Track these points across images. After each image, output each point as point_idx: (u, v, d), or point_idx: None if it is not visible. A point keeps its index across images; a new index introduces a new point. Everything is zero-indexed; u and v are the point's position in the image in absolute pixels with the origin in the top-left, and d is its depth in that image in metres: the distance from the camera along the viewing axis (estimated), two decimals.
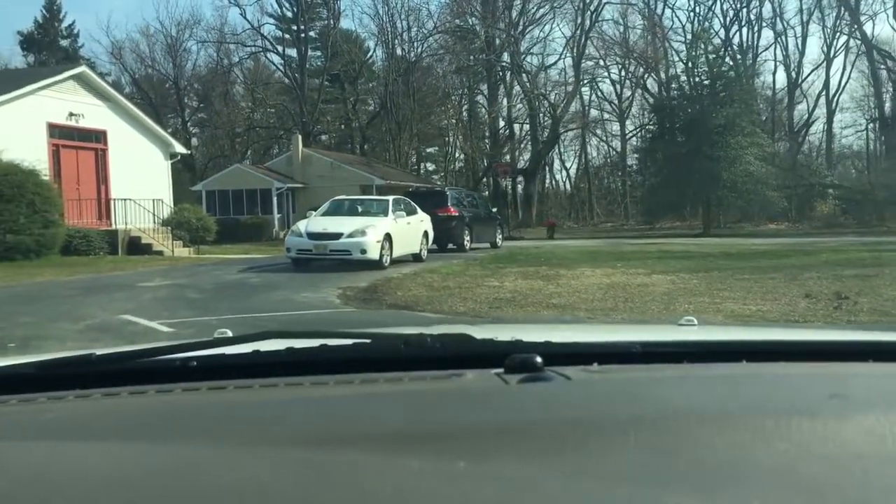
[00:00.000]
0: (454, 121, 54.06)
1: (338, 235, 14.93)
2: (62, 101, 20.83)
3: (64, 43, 46.74)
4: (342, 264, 14.84)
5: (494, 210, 25.79)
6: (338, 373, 1.14)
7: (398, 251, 16.01)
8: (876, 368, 1.25)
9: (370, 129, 51.32)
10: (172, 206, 24.04)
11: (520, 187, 48.92)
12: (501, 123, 49.00)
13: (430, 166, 59.58)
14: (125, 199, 21.40)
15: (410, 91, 47.30)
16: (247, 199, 36.86)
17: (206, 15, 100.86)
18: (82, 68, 21.63)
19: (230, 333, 1.42)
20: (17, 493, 0.68)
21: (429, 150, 58.24)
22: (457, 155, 57.07)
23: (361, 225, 15.20)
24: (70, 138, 21.27)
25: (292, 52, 51.91)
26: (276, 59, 52.41)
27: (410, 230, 16.82)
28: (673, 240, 27.44)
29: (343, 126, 54.50)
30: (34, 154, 18.59)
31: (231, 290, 12.13)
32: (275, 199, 36.78)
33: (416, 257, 17.18)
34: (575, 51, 43.43)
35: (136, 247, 20.64)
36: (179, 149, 25.50)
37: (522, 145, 51.17)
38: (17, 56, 44.37)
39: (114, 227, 21.27)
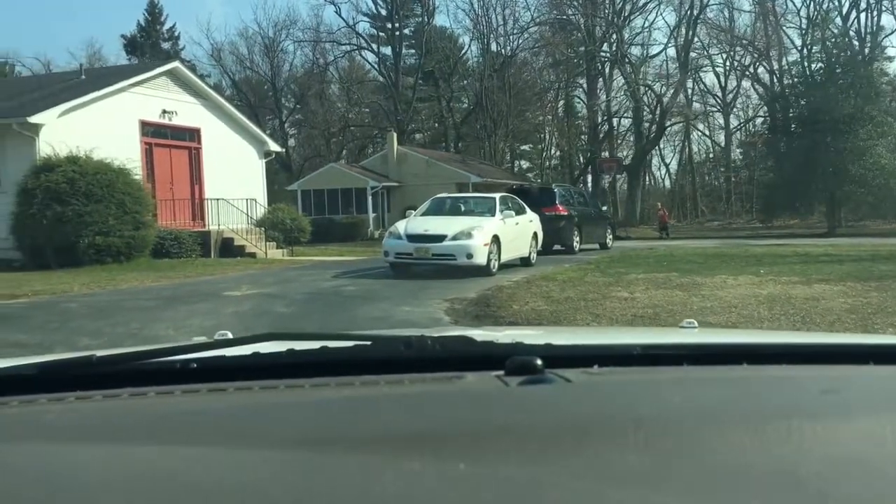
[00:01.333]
0: (549, 116, 52.01)
1: (441, 238, 13.24)
2: (155, 98, 19.89)
3: (165, 46, 46.88)
4: (445, 270, 13.14)
5: (605, 208, 23.66)
6: (338, 374, 1.12)
7: (506, 255, 14.20)
8: (876, 371, 1.23)
9: (464, 126, 49.82)
10: (266, 206, 22.91)
11: (618, 184, 46.43)
12: (599, 118, 46.52)
13: (524, 164, 57.71)
14: (218, 199, 20.30)
15: (506, 86, 45.58)
16: (342, 198, 35.80)
17: (303, 15, 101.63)
18: (175, 64, 20.65)
19: (230, 335, 1.39)
20: (17, 493, 0.67)
21: (522, 147, 56.34)
22: (552, 152, 55.05)
23: (467, 226, 13.46)
24: (163, 136, 20.32)
25: (386, 51, 50.88)
26: (371, 57, 51.47)
27: (519, 231, 14.99)
28: (799, 240, 24.72)
29: (436, 124, 53.23)
30: (126, 153, 17.63)
31: (323, 301, 10.58)
32: (370, 199, 35.58)
33: (525, 261, 15.34)
34: (681, 38, 40.60)
35: (229, 248, 19.50)
36: (274, 147, 24.36)
37: (622, 140, 48.67)
38: (122, 60, 44.74)
39: (207, 228, 20.21)
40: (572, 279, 12.57)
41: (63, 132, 16.82)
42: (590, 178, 46.67)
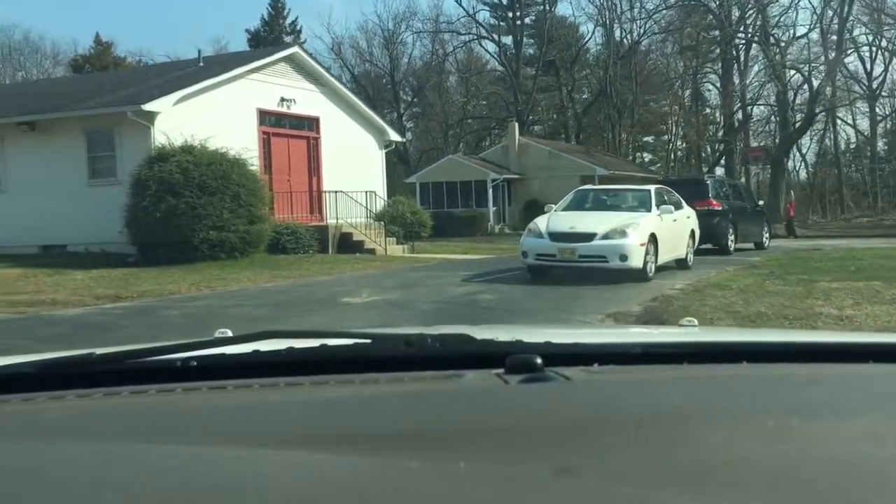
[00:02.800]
0: (676, 106, 48.68)
1: (590, 236, 11.16)
2: (274, 85, 18.62)
3: (288, 40, 46.41)
4: (592, 274, 11.06)
5: (761, 202, 20.87)
6: (338, 373, 1.10)
7: (663, 257, 11.98)
8: (876, 369, 1.22)
9: (586, 116, 47.25)
10: (386, 199, 21.38)
11: (751, 176, 42.73)
12: (734, 106, 42.90)
13: (646, 156, 54.52)
14: (337, 192, 18.84)
15: (632, 74, 42.80)
16: (461, 191, 34.08)
17: (422, 6, 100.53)
18: (294, 49, 19.33)
19: (230, 333, 1.38)
20: (17, 492, 0.66)
21: (644, 138, 53.15)
22: (677, 143, 51.64)
23: (620, 223, 11.32)
24: (281, 126, 19.05)
25: (506, 40, 48.83)
26: (491, 47, 49.57)
27: (676, 229, 12.71)
28: None
29: (555, 115, 50.83)
30: (243, 142, 16.38)
31: (458, 314, 8.73)
32: (490, 191, 33.70)
33: (681, 263, 13.04)
34: (827, 18, 36.66)
35: (347, 244, 18.02)
36: (394, 137, 22.80)
37: (761, 129, 44.88)
38: None
39: (325, 222, 18.80)
40: (750, 287, 10.27)
41: (178, 121, 15.70)
42: (720, 170, 43.17)
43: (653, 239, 11.47)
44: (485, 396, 1.00)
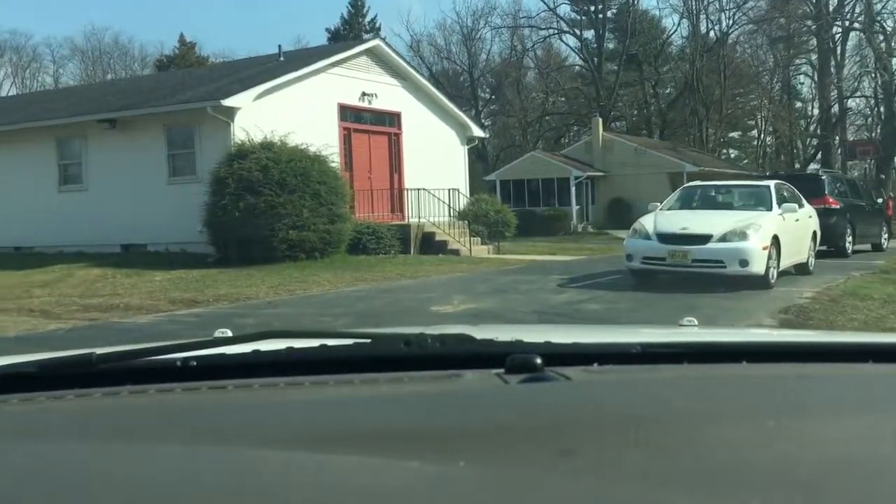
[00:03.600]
0: (765, 100, 46.22)
1: (704, 238, 9.89)
2: (354, 79, 17.85)
3: (367, 38, 46.09)
4: (704, 280, 9.80)
5: (880, 200, 19.03)
6: (338, 372, 1.10)
7: (785, 261, 10.60)
8: (875, 369, 1.20)
9: (670, 112, 45.30)
10: (468, 197, 20.40)
11: (847, 172, 40.10)
12: (831, 98, 40.33)
13: (733, 152, 52.10)
14: (419, 190, 17.94)
15: (720, 67, 40.71)
16: (542, 189, 32.84)
17: (501, 2, 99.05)
18: (376, 42, 18.51)
19: (230, 333, 1.39)
20: (17, 492, 0.66)
21: (730, 134, 50.73)
22: (765, 138, 49.08)
23: (739, 223, 10.02)
24: (362, 121, 18.27)
25: (587, 35, 47.21)
26: (572, 42, 48.08)
27: (799, 230, 11.30)
28: None
29: (636, 111, 48.97)
30: (323, 138, 15.64)
31: (563, 324, 7.65)
32: (573, 189, 32.35)
33: (802, 269, 11.60)
34: None
35: (430, 244, 17.10)
36: (477, 132, 21.77)
37: (863, 123, 42.16)
38: None
39: (406, 221, 17.94)
40: (894, 297, 8.87)
41: (258, 116, 15.06)
42: (815, 166, 40.66)
43: (775, 241, 10.12)
44: (485, 396, 0.99)
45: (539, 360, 1.04)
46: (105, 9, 78.82)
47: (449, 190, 18.81)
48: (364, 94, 18.06)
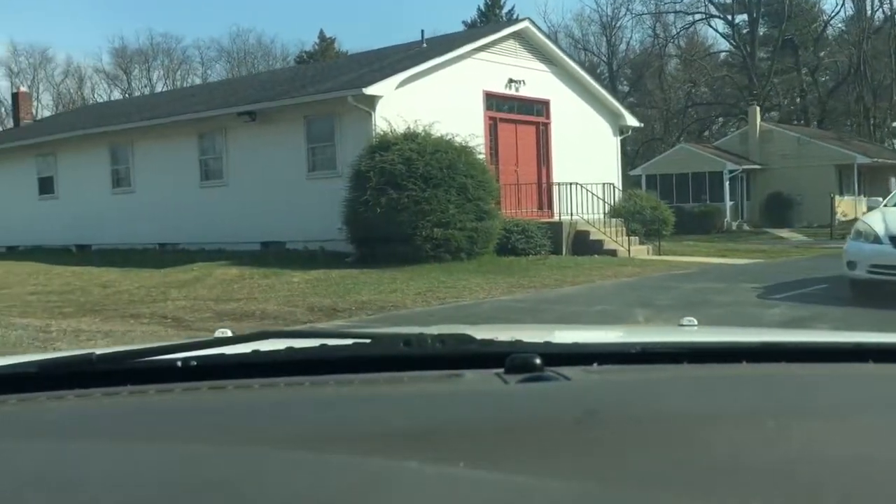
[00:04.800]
0: None
1: None
2: (500, 65, 16.37)
3: (514, 19, 44.60)
4: None
5: None
6: (337, 373, 1.08)
7: None
8: (876, 369, 1.19)
9: (830, 99, 41.30)
10: (621, 191, 18.51)
11: None
12: None
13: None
14: (569, 184, 16.23)
15: (890, 51, 36.57)
16: (692, 183, 30.27)
17: None
18: (525, 24, 16.92)
19: (230, 333, 1.38)
20: (17, 492, 0.66)
21: (894, 123, 45.78)
22: None
23: None
24: (508, 110, 16.75)
25: (738, 19, 43.73)
26: (721, 27, 44.72)
27: None
28: None
29: (786, 100, 44.98)
30: (468, 128, 14.25)
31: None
32: (726, 184, 29.61)
33: None
34: None
35: (583, 244, 15.38)
36: (631, 121, 19.76)
37: None
38: None
39: (556, 218, 16.28)
40: None
41: (400, 106, 13.84)
42: None
43: None
44: (484, 396, 0.97)
45: (539, 360, 1.03)
46: (249, 10, 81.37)
47: (603, 185, 17.01)
48: (511, 80, 16.54)
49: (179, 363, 1.08)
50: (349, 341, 1.15)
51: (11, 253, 19.64)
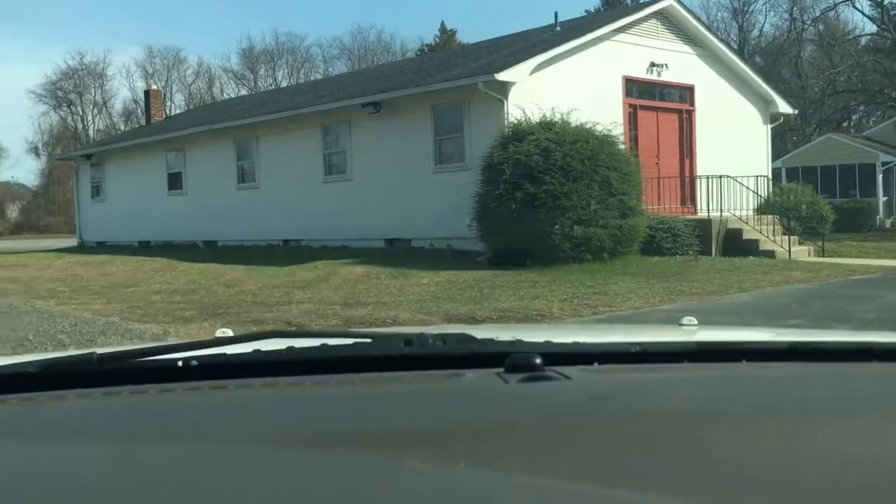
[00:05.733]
0: None
1: None
2: (641, 47, 14.90)
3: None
4: None
5: None
6: (338, 372, 1.08)
7: None
8: (878, 369, 1.18)
9: None
10: (772, 185, 16.64)
11: None
12: None
13: None
14: (718, 177, 14.54)
15: None
16: (840, 177, 27.60)
17: None
18: (668, 2, 15.35)
19: (231, 333, 1.35)
20: (17, 492, 0.65)
21: None
22: None
23: None
24: (649, 96, 15.25)
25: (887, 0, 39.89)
26: (867, 9, 40.97)
27: None
28: None
29: None
30: (607, 116, 12.91)
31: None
32: (879, 177, 26.83)
33: None
34: None
35: (735, 243, 13.71)
36: (784, 108, 17.73)
37: None
38: None
39: (701, 214, 14.68)
40: None
41: (534, 93, 12.67)
42: None
43: None
44: (485, 396, 0.96)
45: (539, 360, 1.03)
46: (370, 7, 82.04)
47: (756, 177, 15.25)
48: (653, 64, 15.04)
49: (180, 363, 1.07)
50: (350, 341, 1.15)
51: (144, 248, 19.78)
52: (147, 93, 26.83)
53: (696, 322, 1.63)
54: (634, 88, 14.92)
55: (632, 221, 11.95)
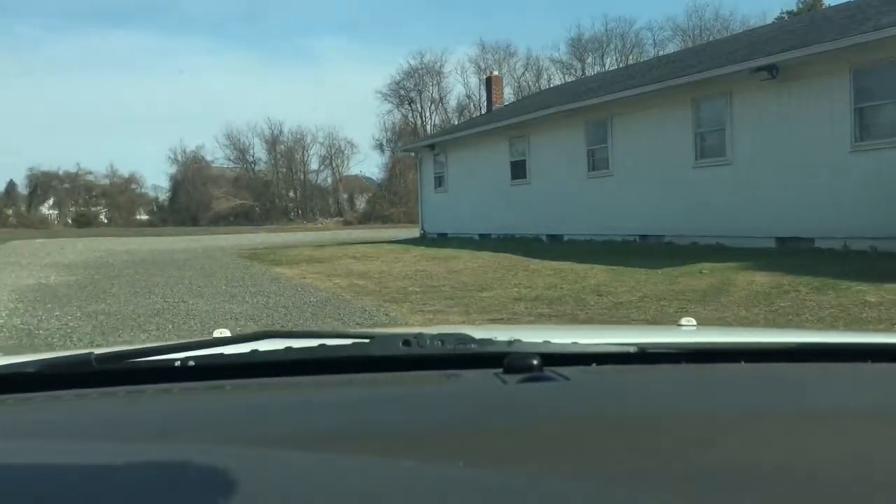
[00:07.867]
0: None
1: None
2: None
3: None
4: None
5: None
6: (336, 372, 1.08)
7: None
8: (875, 369, 1.16)
9: None
10: None
11: None
12: None
13: None
14: None
15: None
16: None
17: None
18: None
19: (228, 333, 1.35)
20: (15, 492, 0.64)
21: None
22: None
23: None
24: None
25: None
26: None
27: None
28: None
29: None
30: None
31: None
32: None
33: None
34: None
35: None
36: None
37: None
38: None
39: None
40: None
41: None
42: None
43: None
44: (483, 396, 0.96)
45: (537, 361, 1.02)
46: None
47: None
48: None
49: (178, 363, 1.06)
50: (348, 341, 1.13)
51: (484, 241, 18.75)
52: (489, 79, 26.17)
53: (694, 322, 1.62)
54: None
55: None
